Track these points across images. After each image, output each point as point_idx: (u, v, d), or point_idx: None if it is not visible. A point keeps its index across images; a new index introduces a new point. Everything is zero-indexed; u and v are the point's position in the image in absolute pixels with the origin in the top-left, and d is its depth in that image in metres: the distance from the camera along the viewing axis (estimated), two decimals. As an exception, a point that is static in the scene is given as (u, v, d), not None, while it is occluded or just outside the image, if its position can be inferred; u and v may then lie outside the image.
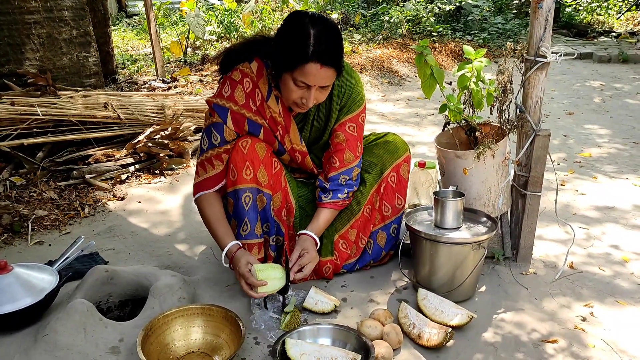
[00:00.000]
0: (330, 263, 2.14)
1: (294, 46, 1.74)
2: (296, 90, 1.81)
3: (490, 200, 2.16)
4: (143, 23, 9.13)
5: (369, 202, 2.16)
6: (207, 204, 1.98)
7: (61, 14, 4.00)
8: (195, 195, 2.01)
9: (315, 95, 1.81)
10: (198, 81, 5.47)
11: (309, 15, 1.78)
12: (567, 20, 10.46)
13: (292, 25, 1.79)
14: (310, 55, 1.72)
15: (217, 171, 1.96)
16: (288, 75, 1.79)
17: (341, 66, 1.84)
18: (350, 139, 2.05)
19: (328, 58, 1.74)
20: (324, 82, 1.79)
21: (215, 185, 1.97)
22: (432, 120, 4.78)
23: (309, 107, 1.86)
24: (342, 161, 2.05)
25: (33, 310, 1.82)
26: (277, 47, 1.82)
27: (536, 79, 2.06)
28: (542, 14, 1.98)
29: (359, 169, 2.10)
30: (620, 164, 3.62)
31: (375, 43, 7.37)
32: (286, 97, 1.87)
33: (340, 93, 2.02)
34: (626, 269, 2.30)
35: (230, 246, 1.90)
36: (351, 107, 2.05)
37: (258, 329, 1.84)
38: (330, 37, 1.77)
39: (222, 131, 1.92)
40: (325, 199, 2.06)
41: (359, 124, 2.07)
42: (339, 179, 2.06)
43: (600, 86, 6.21)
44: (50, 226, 2.68)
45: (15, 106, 3.21)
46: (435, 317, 1.86)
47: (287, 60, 1.77)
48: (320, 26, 1.75)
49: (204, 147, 1.96)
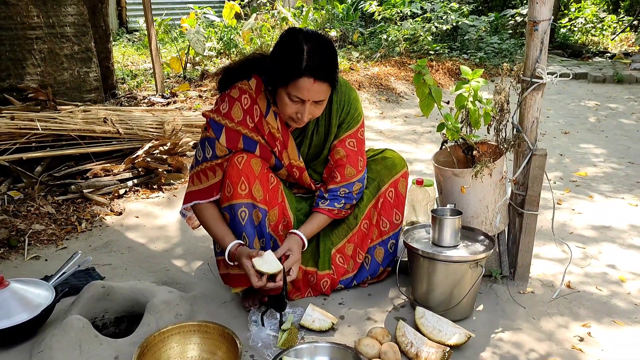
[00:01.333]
0: (327, 277, 2.14)
1: (288, 61, 1.77)
2: (291, 105, 1.83)
3: (487, 219, 2.17)
4: (143, 39, 9.20)
5: (366, 217, 2.17)
6: (202, 207, 1.99)
7: (63, 29, 4.03)
8: (184, 203, 2.02)
9: (310, 110, 1.84)
10: (197, 97, 5.50)
11: (303, 32, 1.82)
12: (562, 40, 10.58)
13: (286, 41, 1.83)
14: (304, 70, 1.75)
15: (210, 183, 1.96)
16: (283, 90, 1.82)
17: (335, 81, 1.86)
18: (350, 154, 2.07)
19: (321, 73, 1.77)
20: (317, 96, 1.81)
21: (207, 197, 1.97)
22: (430, 137, 4.81)
23: (305, 122, 1.88)
24: (344, 175, 2.07)
25: (29, 326, 1.81)
26: (272, 63, 1.86)
27: (532, 99, 2.09)
28: (538, 36, 2.02)
29: (362, 184, 2.11)
30: (616, 184, 3.64)
31: (373, 61, 7.43)
32: (282, 112, 1.90)
33: (339, 109, 2.05)
34: (623, 289, 2.30)
35: (231, 246, 1.90)
36: (350, 123, 2.07)
37: (255, 347, 1.83)
38: (324, 53, 1.80)
39: (214, 146, 1.94)
40: (321, 204, 2.08)
41: (359, 138, 2.10)
42: (338, 191, 2.08)
43: (595, 106, 6.27)
44: (47, 241, 2.67)
45: (15, 120, 3.22)
46: (433, 336, 1.85)
47: (281, 75, 1.80)
48: (314, 42, 1.79)
49: (199, 159, 1.99)
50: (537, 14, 2.00)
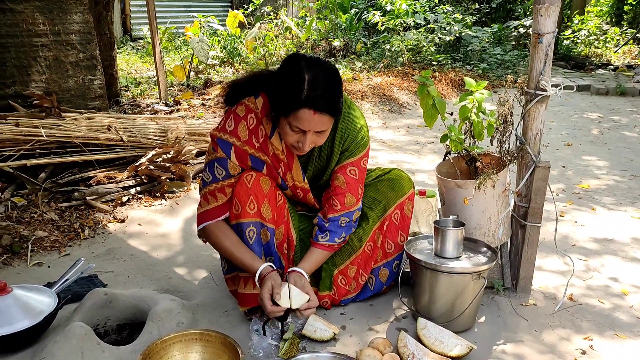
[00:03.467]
0: (327, 298, 2.13)
1: (289, 91, 1.72)
2: (292, 135, 1.79)
3: (490, 230, 2.17)
4: (147, 47, 9.26)
5: (370, 239, 2.14)
6: (220, 233, 1.93)
7: (68, 37, 4.06)
8: (199, 225, 1.97)
9: (312, 139, 1.79)
10: (200, 105, 5.53)
11: (305, 58, 1.76)
12: (565, 52, 10.62)
13: (287, 69, 1.77)
14: (304, 101, 1.69)
15: (220, 203, 1.92)
16: (284, 120, 1.77)
17: (337, 111, 1.80)
18: (350, 183, 2.01)
19: (322, 104, 1.71)
20: (318, 127, 1.76)
21: (220, 215, 1.93)
22: (432, 148, 4.82)
23: (306, 151, 1.83)
24: (344, 204, 2.01)
25: (31, 332, 1.81)
26: (273, 90, 1.81)
27: (536, 111, 2.10)
28: (542, 48, 2.03)
29: (360, 212, 2.08)
30: (619, 196, 3.64)
31: (377, 71, 7.47)
32: (284, 140, 1.86)
33: (344, 137, 1.98)
34: (625, 302, 2.29)
35: (263, 268, 1.85)
36: (354, 151, 2.01)
37: (256, 356, 1.83)
38: (327, 82, 1.73)
39: (227, 166, 1.89)
40: (321, 239, 2.01)
41: (361, 167, 2.03)
42: (339, 220, 2.02)
43: (598, 118, 6.28)
44: (49, 247, 2.68)
45: (19, 127, 3.24)
46: (434, 347, 1.85)
47: (282, 105, 1.75)
48: (316, 70, 1.73)
49: (207, 181, 1.93)
50: (542, 26, 2.01)
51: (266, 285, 1.79)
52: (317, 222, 2.05)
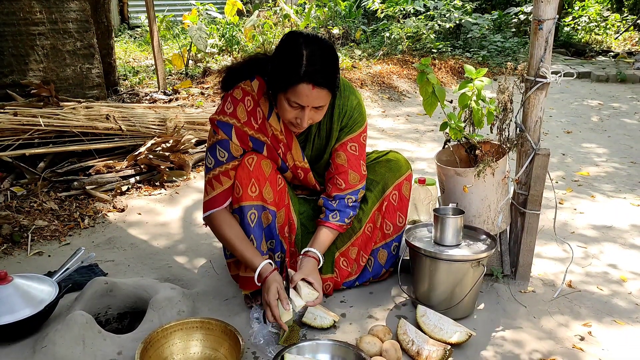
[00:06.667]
0: (330, 280, 2.14)
1: (287, 67, 1.73)
2: (290, 111, 1.80)
3: (489, 218, 2.17)
4: (145, 35, 9.20)
5: (370, 221, 2.16)
6: (224, 224, 1.92)
7: (66, 25, 4.04)
8: (205, 212, 1.96)
9: (310, 115, 1.80)
10: (199, 94, 5.50)
11: (303, 35, 1.78)
12: (566, 39, 10.56)
13: (286, 46, 1.78)
14: (302, 76, 1.70)
15: (226, 187, 1.92)
16: (282, 96, 1.78)
17: (335, 86, 1.82)
18: (351, 159, 2.04)
19: (321, 78, 1.73)
20: (317, 102, 1.77)
21: (225, 200, 1.92)
22: (432, 136, 4.81)
23: (305, 127, 1.85)
24: (348, 182, 2.03)
25: (32, 321, 1.82)
26: (271, 67, 1.82)
27: (536, 98, 2.09)
28: (543, 35, 2.01)
29: (364, 191, 2.10)
30: (618, 183, 3.64)
31: (376, 59, 7.43)
32: (282, 117, 1.87)
33: (342, 113, 2.01)
34: (624, 289, 2.30)
35: (263, 266, 1.84)
36: (352, 127, 2.03)
37: (257, 344, 1.84)
38: (324, 58, 1.75)
39: (229, 147, 1.90)
40: (332, 219, 2.02)
41: (361, 143, 2.06)
42: (345, 199, 2.04)
43: (598, 105, 6.26)
44: (50, 237, 2.68)
45: (17, 116, 3.23)
46: (434, 334, 1.86)
47: (280, 81, 1.76)
48: (314, 46, 1.74)
49: (210, 166, 1.93)
50: (542, 12, 1.99)
51: (271, 291, 1.77)
52: (322, 203, 2.07)
